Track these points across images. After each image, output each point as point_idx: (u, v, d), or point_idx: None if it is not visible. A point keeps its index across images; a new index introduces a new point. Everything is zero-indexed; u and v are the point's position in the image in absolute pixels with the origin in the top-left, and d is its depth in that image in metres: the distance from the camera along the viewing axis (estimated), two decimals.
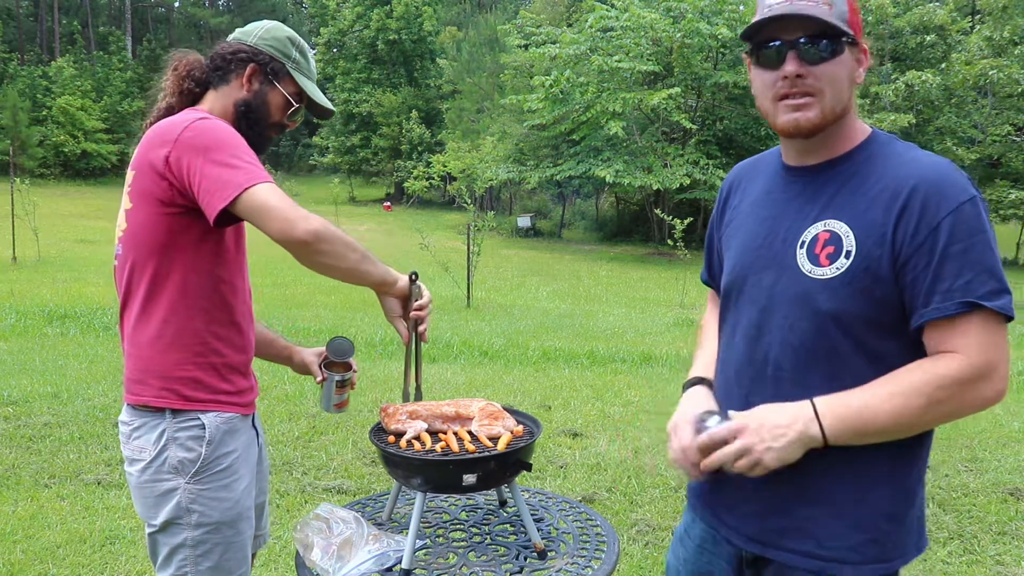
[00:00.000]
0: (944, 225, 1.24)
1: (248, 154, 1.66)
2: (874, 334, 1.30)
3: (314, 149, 45.94)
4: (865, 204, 1.30)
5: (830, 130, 1.36)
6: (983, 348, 1.24)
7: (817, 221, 1.34)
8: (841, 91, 1.32)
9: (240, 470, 1.80)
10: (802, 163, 1.41)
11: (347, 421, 5.18)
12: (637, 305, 12.93)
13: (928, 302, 1.25)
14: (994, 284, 1.24)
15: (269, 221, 1.59)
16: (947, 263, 1.24)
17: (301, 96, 1.88)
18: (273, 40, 1.86)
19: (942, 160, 1.31)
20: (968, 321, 1.24)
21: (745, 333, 1.43)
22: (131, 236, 1.73)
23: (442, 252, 14.03)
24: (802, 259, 1.34)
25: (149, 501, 1.75)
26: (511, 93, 26.14)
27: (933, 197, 1.25)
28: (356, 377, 2.08)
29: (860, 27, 1.36)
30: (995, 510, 3.85)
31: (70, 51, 44.37)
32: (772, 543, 1.39)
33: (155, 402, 1.73)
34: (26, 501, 3.83)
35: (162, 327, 1.72)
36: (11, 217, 14.46)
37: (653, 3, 22.85)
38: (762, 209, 1.45)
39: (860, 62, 1.36)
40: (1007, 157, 22.28)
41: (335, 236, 1.63)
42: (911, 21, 22.16)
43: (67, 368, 6.50)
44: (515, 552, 1.93)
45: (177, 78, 1.84)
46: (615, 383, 6.54)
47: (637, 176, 22.05)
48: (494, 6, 42.78)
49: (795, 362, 1.35)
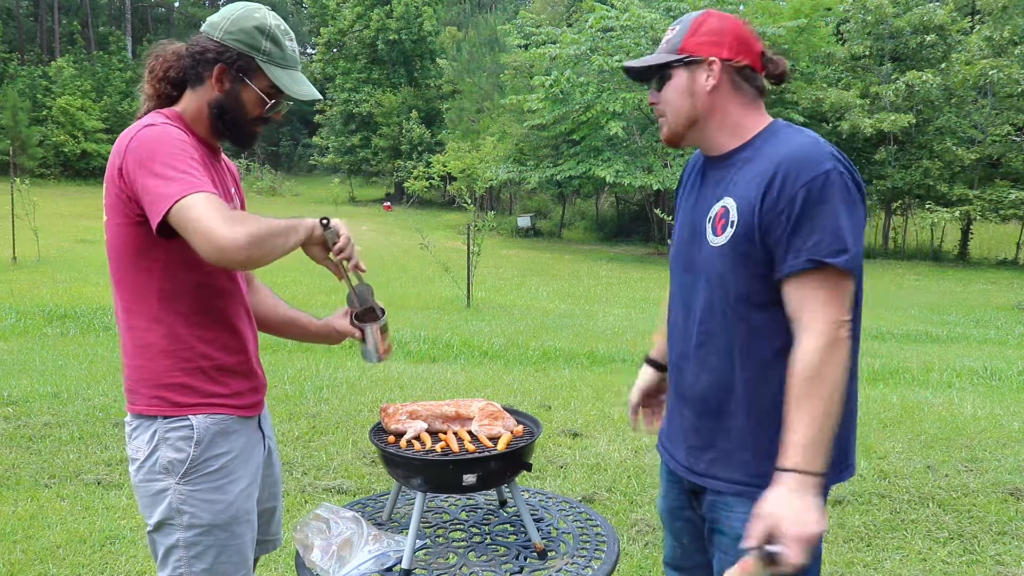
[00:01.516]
0: (799, 195, 1.48)
1: (183, 162, 1.60)
2: (757, 290, 1.55)
3: (314, 149, 45.95)
4: (747, 182, 1.57)
5: (706, 132, 1.66)
6: (825, 308, 1.47)
7: (718, 200, 1.63)
8: (680, 105, 1.65)
9: (236, 472, 1.78)
10: (713, 154, 1.69)
11: (347, 421, 5.18)
12: (637, 305, 12.93)
13: (784, 260, 1.50)
14: (837, 244, 1.46)
15: (195, 240, 1.54)
16: (800, 227, 1.48)
17: (277, 90, 1.78)
18: (239, 33, 1.74)
19: (810, 140, 1.55)
20: (813, 277, 1.48)
21: (675, 298, 1.75)
22: (110, 249, 1.73)
23: (442, 252, 14.03)
24: (708, 231, 1.63)
25: (145, 500, 1.76)
26: (511, 93, 26.13)
27: (792, 171, 1.49)
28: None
29: (706, 43, 1.62)
30: (995, 510, 3.85)
31: (70, 51, 44.39)
32: (703, 472, 1.67)
33: (147, 411, 1.75)
34: (26, 501, 3.83)
35: (146, 336, 1.73)
36: (11, 217, 14.47)
37: (653, 3, 22.85)
38: (691, 195, 1.76)
39: (708, 69, 1.62)
40: (1007, 157, 22.26)
41: (262, 238, 1.57)
42: (911, 21, 22.15)
43: (67, 368, 6.50)
44: (515, 552, 1.93)
45: (153, 81, 1.80)
46: (615, 383, 6.54)
47: (637, 176, 22.05)
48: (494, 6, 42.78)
49: (706, 315, 1.62)
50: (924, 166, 22.23)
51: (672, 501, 1.84)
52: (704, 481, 1.67)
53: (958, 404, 5.95)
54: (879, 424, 5.31)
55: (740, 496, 1.61)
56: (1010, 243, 22.88)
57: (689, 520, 1.80)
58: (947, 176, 22.42)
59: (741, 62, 1.63)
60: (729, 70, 1.63)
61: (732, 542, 1.63)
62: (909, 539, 3.56)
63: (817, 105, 21.91)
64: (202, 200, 1.55)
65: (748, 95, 1.66)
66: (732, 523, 1.63)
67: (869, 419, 5.34)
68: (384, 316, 1.94)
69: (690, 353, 1.67)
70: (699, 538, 1.79)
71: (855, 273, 1.50)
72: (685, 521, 1.81)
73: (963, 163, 22.05)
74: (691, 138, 1.70)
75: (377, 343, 1.94)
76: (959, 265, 21.74)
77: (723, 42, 1.62)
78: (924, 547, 3.48)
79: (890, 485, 4.17)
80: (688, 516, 1.80)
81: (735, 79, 1.64)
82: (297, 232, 1.69)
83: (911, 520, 3.75)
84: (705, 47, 1.63)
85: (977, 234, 23.28)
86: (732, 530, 1.63)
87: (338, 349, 7.86)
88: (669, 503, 1.86)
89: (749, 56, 1.64)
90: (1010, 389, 6.79)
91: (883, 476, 4.30)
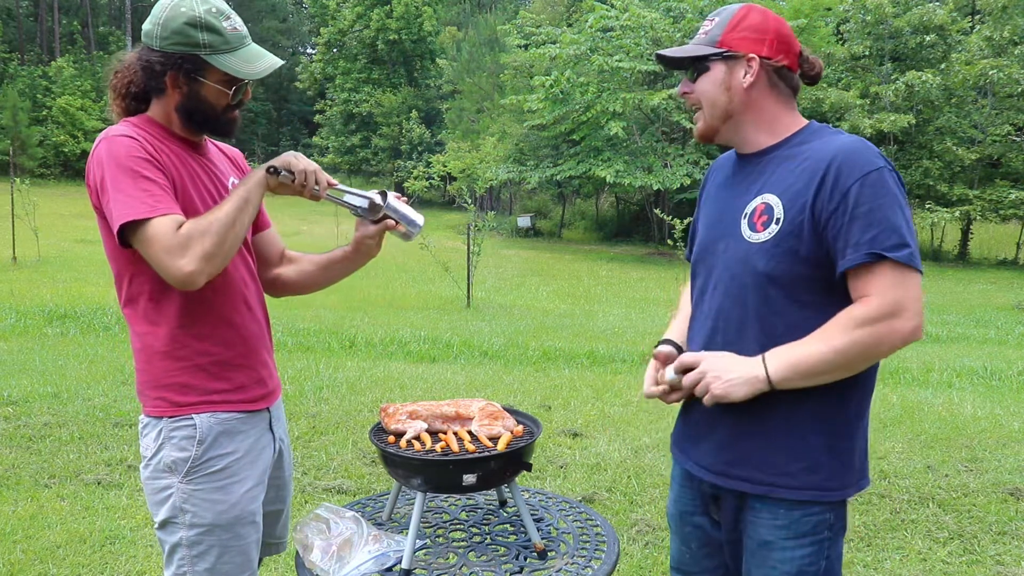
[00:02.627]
0: (852, 190, 1.48)
1: (135, 181, 1.61)
2: (802, 287, 1.55)
3: (314, 149, 45.91)
4: (792, 179, 1.56)
5: (740, 128, 1.66)
6: (890, 289, 1.47)
7: (756, 196, 1.61)
8: (716, 98, 1.63)
9: (240, 473, 1.78)
10: (748, 151, 1.68)
11: (347, 421, 5.18)
12: (637, 305, 12.93)
13: (844, 254, 1.49)
14: (896, 239, 1.47)
15: (154, 266, 1.61)
16: (856, 221, 1.48)
17: (232, 78, 1.74)
18: (173, 36, 1.69)
19: (856, 139, 1.56)
20: (876, 269, 1.48)
21: (702, 294, 1.71)
22: (107, 253, 1.75)
23: (442, 252, 14.02)
24: (744, 228, 1.61)
25: (152, 498, 1.77)
26: (511, 93, 26.12)
27: (844, 168, 1.50)
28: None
29: (747, 39, 1.61)
30: (995, 510, 3.85)
31: (70, 51, 44.36)
32: (724, 473, 1.66)
33: (153, 412, 1.77)
34: (26, 501, 3.83)
35: (145, 338, 1.75)
36: (11, 217, 14.46)
37: (653, 3, 22.85)
38: (722, 191, 1.74)
39: (747, 66, 1.61)
40: (1007, 157, 22.24)
41: (217, 245, 1.61)
42: (911, 21, 22.12)
43: (67, 368, 6.50)
44: (515, 552, 1.93)
45: (118, 99, 1.79)
46: (615, 383, 6.54)
47: (637, 176, 22.05)
48: (494, 6, 42.75)
49: (739, 313, 1.61)
50: (924, 166, 22.21)
51: (684, 505, 1.82)
52: (728, 482, 1.66)
53: (958, 404, 5.95)
54: (879, 424, 5.30)
55: (765, 499, 1.60)
56: (1010, 243, 22.88)
57: (700, 526, 1.79)
58: (947, 176, 22.40)
59: (780, 62, 1.62)
60: (767, 68, 1.62)
61: (757, 547, 1.63)
62: (909, 539, 3.56)
63: (817, 105, 21.89)
64: (149, 229, 1.58)
65: (784, 94, 1.65)
66: (758, 529, 1.63)
67: (869, 419, 5.34)
68: (389, 193, 1.88)
69: (717, 351, 1.63)
70: (708, 544, 1.78)
71: (919, 270, 1.49)
72: (696, 527, 1.80)
73: (963, 163, 22.03)
74: (725, 134, 1.68)
75: (406, 212, 1.88)
76: (959, 265, 21.74)
77: (764, 40, 1.61)
78: (924, 547, 3.48)
79: (890, 485, 4.17)
80: (700, 522, 1.79)
81: (772, 78, 1.63)
82: (251, 200, 1.70)
83: (911, 520, 3.75)
84: (746, 43, 1.61)
85: (977, 234, 23.28)
86: (757, 535, 1.63)
87: (338, 348, 7.86)
88: (681, 507, 1.83)
89: (788, 56, 1.63)
90: (1010, 389, 6.78)
91: (883, 476, 4.30)
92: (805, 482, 1.58)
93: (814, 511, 1.59)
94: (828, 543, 1.61)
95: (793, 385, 1.52)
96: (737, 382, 1.53)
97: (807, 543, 1.59)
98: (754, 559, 1.64)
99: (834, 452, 1.59)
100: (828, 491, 1.59)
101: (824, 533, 1.60)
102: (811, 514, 1.59)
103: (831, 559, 1.62)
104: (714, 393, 1.55)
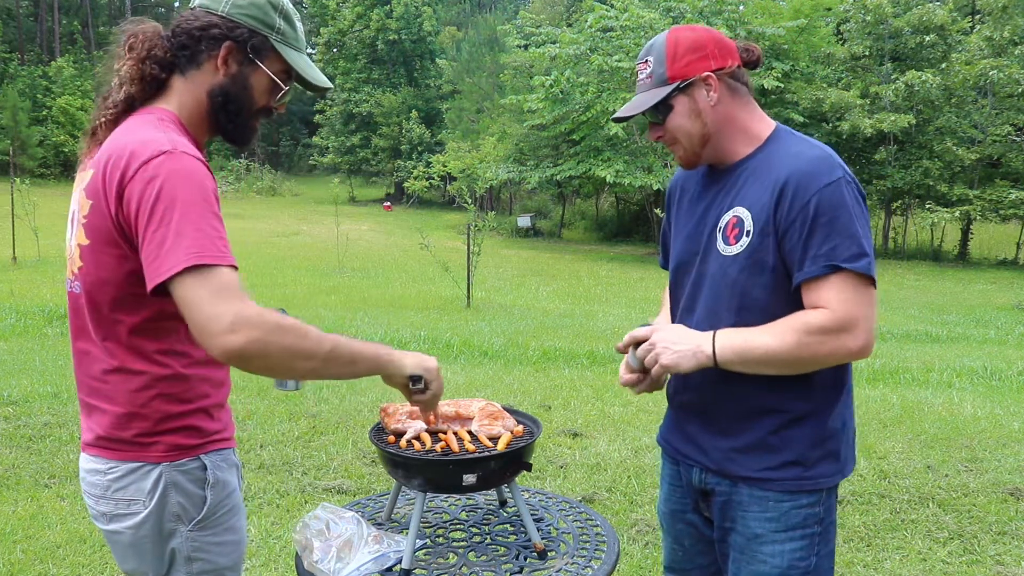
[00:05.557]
0: (812, 202, 1.51)
1: (202, 216, 1.33)
2: (771, 296, 1.58)
3: (314, 149, 45.92)
4: (759, 192, 1.59)
5: (720, 144, 1.67)
6: (845, 304, 1.49)
7: (729, 209, 1.64)
8: (690, 129, 1.64)
9: (239, 505, 1.64)
10: (728, 163, 1.70)
11: (347, 421, 5.18)
12: (637, 305, 12.92)
13: (801, 266, 1.53)
14: (855, 249, 1.49)
15: (191, 325, 1.32)
16: (815, 233, 1.51)
17: (290, 74, 1.58)
18: (250, 7, 1.51)
19: (817, 150, 1.59)
20: (832, 280, 1.50)
21: (684, 306, 1.75)
22: (103, 277, 1.46)
23: (442, 252, 14.02)
24: (719, 241, 1.65)
25: (141, 554, 1.56)
26: (511, 93, 26.12)
27: (804, 181, 1.53)
28: None
29: (692, 62, 1.62)
30: (995, 510, 3.85)
31: (70, 51, 44.38)
32: (714, 468, 1.69)
33: (151, 457, 1.56)
34: (26, 501, 3.83)
35: (146, 378, 1.52)
36: (11, 217, 14.45)
37: (653, 3, 22.83)
38: (695, 205, 1.76)
39: (705, 85, 1.63)
40: (1007, 157, 22.23)
41: (271, 349, 1.32)
42: (911, 21, 22.12)
43: (67, 368, 6.49)
44: (515, 552, 1.93)
45: (136, 60, 1.51)
46: (615, 383, 6.51)
47: (637, 176, 22.03)
48: (494, 6, 42.77)
49: (714, 322, 1.63)
50: (924, 166, 22.21)
51: (675, 504, 1.84)
52: (715, 477, 1.69)
53: (958, 404, 5.95)
54: (879, 424, 5.31)
55: (753, 492, 1.64)
56: (1010, 243, 22.86)
57: (692, 523, 1.81)
58: (947, 176, 22.40)
59: (731, 66, 1.64)
60: (723, 79, 1.65)
61: (747, 542, 1.66)
62: (909, 539, 3.56)
63: (817, 105, 21.89)
64: (216, 278, 1.30)
65: (744, 95, 1.68)
66: (748, 523, 1.65)
67: (869, 419, 5.34)
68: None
69: None
70: (701, 541, 1.81)
71: (874, 280, 1.52)
72: (687, 524, 1.82)
73: (963, 163, 22.02)
74: (707, 156, 1.70)
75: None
76: (959, 265, 21.73)
77: (707, 54, 1.63)
78: (924, 547, 3.48)
79: (890, 485, 4.17)
80: (691, 519, 1.81)
81: (730, 84, 1.66)
82: (360, 365, 1.50)
83: (911, 520, 3.75)
84: (693, 66, 1.62)
85: (977, 234, 23.28)
86: (747, 530, 1.66)
87: None
88: (672, 506, 1.85)
89: (731, 56, 1.65)
90: (1010, 389, 6.78)
91: (883, 476, 4.30)
92: (792, 473, 1.62)
93: (803, 503, 1.62)
94: (819, 539, 1.64)
95: (734, 368, 1.57)
96: (686, 353, 1.58)
97: (797, 536, 1.62)
98: (744, 555, 1.66)
99: (820, 444, 1.63)
100: (815, 479, 1.63)
101: (814, 527, 1.63)
102: (800, 506, 1.62)
103: (821, 557, 1.64)
104: (663, 363, 1.59)
